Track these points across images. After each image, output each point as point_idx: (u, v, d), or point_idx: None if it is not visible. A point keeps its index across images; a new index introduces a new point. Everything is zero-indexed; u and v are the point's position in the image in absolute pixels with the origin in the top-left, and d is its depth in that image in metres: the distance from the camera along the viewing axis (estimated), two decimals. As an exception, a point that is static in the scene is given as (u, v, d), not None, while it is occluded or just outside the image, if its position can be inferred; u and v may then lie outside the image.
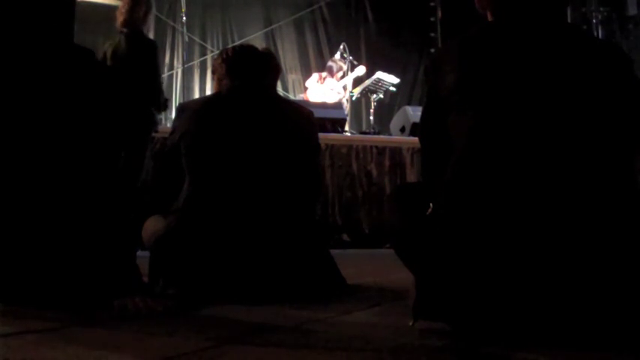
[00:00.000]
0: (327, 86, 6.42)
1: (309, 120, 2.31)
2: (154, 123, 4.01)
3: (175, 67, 7.31)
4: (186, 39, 5.92)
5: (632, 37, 6.92)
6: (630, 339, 1.25)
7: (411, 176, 5.09)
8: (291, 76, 7.89)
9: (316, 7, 8.12)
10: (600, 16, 7.11)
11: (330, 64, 6.59)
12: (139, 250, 2.20)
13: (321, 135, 3.17)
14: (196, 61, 7.46)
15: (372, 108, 6.20)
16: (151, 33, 4.06)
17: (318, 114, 3.09)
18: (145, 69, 3.85)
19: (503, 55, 1.44)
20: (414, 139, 4.98)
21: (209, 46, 7.60)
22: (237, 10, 7.81)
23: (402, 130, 5.40)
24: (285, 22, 7.96)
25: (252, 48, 2.35)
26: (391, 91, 6.54)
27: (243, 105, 2.17)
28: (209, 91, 6.89)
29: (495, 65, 1.43)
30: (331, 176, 4.95)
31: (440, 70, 1.52)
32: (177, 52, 7.25)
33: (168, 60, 7.34)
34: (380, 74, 6.14)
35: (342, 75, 6.44)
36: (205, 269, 1.97)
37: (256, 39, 7.49)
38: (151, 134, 4.06)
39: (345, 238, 4.87)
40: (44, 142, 1.70)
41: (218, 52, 3.59)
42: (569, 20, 5.41)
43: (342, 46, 6.47)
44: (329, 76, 6.48)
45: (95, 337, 1.37)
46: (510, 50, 1.44)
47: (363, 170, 5.06)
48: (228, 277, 1.95)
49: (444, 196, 1.44)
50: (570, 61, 1.42)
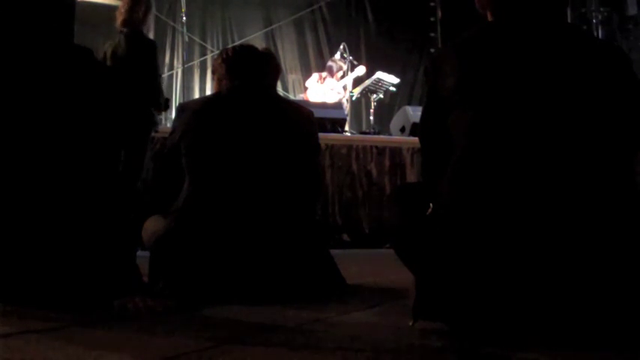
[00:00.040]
0: (327, 86, 6.42)
1: (309, 120, 2.31)
2: (153, 123, 4.01)
3: (175, 67, 7.31)
4: (186, 39, 5.92)
5: (632, 37, 6.92)
6: (630, 339, 1.25)
7: (411, 176, 5.09)
8: (291, 76, 7.89)
9: (316, 7, 8.12)
10: (600, 16, 7.10)
11: (330, 64, 6.59)
12: (139, 250, 2.20)
13: (321, 135, 3.16)
14: (196, 61, 7.46)
15: (372, 108, 6.20)
16: (151, 33, 4.05)
17: (318, 114, 3.09)
18: (145, 69, 3.84)
19: (503, 55, 1.44)
20: (414, 139, 4.98)
21: (209, 46, 7.59)
22: (237, 10, 7.81)
23: (402, 130, 5.40)
24: (285, 22, 7.96)
25: (252, 48, 2.35)
26: (391, 91, 6.54)
27: (243, 105, 2.17)
28: (209, 91, 6.89)
29: (495, 65, 1.43)
30: (331, 176, 4.94)
31: (440, 70, 1.52)
32: (177, 52, 7.25)
33: (168, 60, 7.34)
34: (380, 74, 6.14)
35: (342, 75, 6.44)
36: (205, 269, 1.97)
37: (256, 39, 7.48)
38: (151, 134, 4.06)
39: (345, 238, 4.86)
40: (44, 142, 1.70)
41: (218, 52, 3.58)
42: (569, 20, 5.41)
43: (342, 46, 6.46)
44: (329, 76, 6.48)
45: (95, 337, 1.37)
46: (510, 50, 1.44)
47: (363, 170, 5.05)
48: (228, 277, 1.95)
49: (444, 196, 1.44)
50: (570, 61, 1.42)
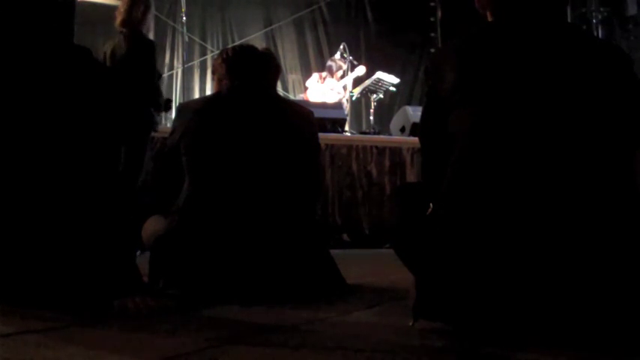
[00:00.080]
0: (327, 86, 6.42)
1: (309, 120, 2.31)
2: (153, 123, 4.00)
3: (175, 67, 7.31)
4: (186, 39, 5.92)
5: (632, 37, 6.92)
6: (630, 339, 1.25)
7: (411, 176, 5.09)
8: (291, 76, 7.89)
9: (316, 7, 8.12)
10: (600, 16, 7.11)
11: (330, 63, 6.59)
12: (139, 251, 2.20)
13: (321, 135, 3.16)
14: (196, 61, 7.46)
15: (372, 108, 6.20)
16: (151, 33, 4.04)
17: (318, 114, 3.09)
18: (143, 69, 3.84)
19: (503, 55, 1.44)
20: (414, 139, 4.97)
21: (209, 46, 7.59)
22: (237, 10, 7.81)
23: (402, 130, 5.40)
24: (285, 22, 7.96)
25: (252, 48, 2.35)
26: (391, 91, 6.54)
27: (243, 105, 2.17)
28: (209, 91, 6.89)
29: (495, 65, 1.43)
30: (331, 176, 4.94)
31: (440, 70, 1.52)
32: (177, 52, 7.25)
33: (168, 60, 7.34)
34: (380, 74, 6.14)
35: (341, 74, 6.44)
36: (205, 269, 1.97)
37: (256, 39, 7.48)
38: (151, 134, 4.06)
39: (345, 238, 4.87)
40: (43, 142, 1.70)
41: (218, 52, 3.58)
42: (569, 20, 5.41)
43: (342, 46, 6.46)
44: (329, 76, 6.48)
45: (95, 337, 1.37)
46: (510, 50, 1.44)
47: (363, 170, 5.05)
48: (228, 277, 1.95)
49: (444, 196, 1.44)
50: (570, 61, 1.42)
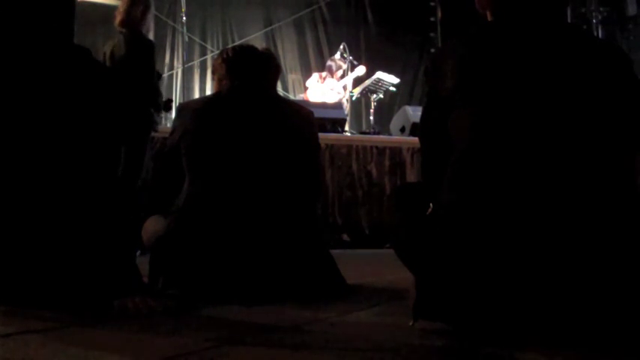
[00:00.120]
0: (327, 86, 6.42)
1: (309, 120, 2.31)
2: (153, 123, 4.00)
3: (175, 67, 7.32)
4: (186, 39, 5.92)
5: (632, 37, 6.92)
6: (630, 339, 1.25)
7: (411, 176, 5.09)
8: (291, 76, 7.90)
9: (316, 7, 8.13)
10: (600, 16, 7.11)
11: (330, 63, 6.59)
12: (139, 252, 2.20)
13: (321, 135, 3.16)
14: (196, 61, 7.46)
15: (372, 108, 6.20)
16: (151, 33, 4.04)
17: (318, 114, 3.09)
18: (142, 69, 3.84)
19: (503, 55, 1.44)
20: (414, 139, 4.98)
21: (209, 46, 7.60)
22: (237, 10, 7.82)
23: (402, 130, 5.40)
24: (285, 22, 7.97)
25: (252, 48, 2.35)
26: (391, 91, 6.54)
27: (243, 105, 2.17)
28: (209, 91, 6.89)
29: (495, 65, 1.43)
30: (331, 176, 4.95)
31: (440, 70, 1.52)
32: (177, 52, 7.26)
33: (168, 60, 7.35)
34: (380, 74, 6.14)
35: (341, 74, 6.44)
36: (205, 269, 1.97)
37: (256, 39, 7.49)
38: (151, 134, 4.06)
39: (345, 238, 4.87)
40: (42, 142, 1.70)
41: (218, 52, 3.58)
42: (569, 20, 5.41)
43: (342, 46, 6.47)
44: (329, 76, 6.49)
45: (95, 337, 1.37)
46: (510, 50, 1.44)
47: (363, 170, 5.06)
48: (228, 277, 1.95)
49: (444, 196, 1.44)
50: (570, 61, 1.42)
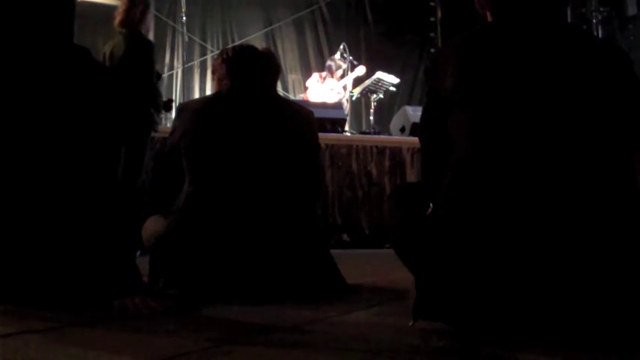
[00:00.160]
0: (327, 86, 6.42)
1: (309, 120, 2.31)
2: (153, 123, 4.00)
3: (175, 67, 7.32)
4: (186, 39, 5.92)
5: (632, 37, 6.92)
6: (630, 339, 1.25)
7: (411, 176, 5.09)
8: (291, 76, 7.90)
9: (316, 7, 8.13)
10: (600, 16, 7.11)
11: (330, 63, 6.60)
12: (139, 252, 2.20)
13: (321, 135, 3.16)
14: (196, 61, 7.46)
15: (372, 108, 6.20)
16: (151, 33, 4.04)
17: (318, 114, 3.09)
18: (142, 69, 3.84)
19: (503, 55, 1.44)
20: (414, 139, 4.98)
21: (209, 46, 7.60)
22: (237, 10, 7.82)
23: (402, 130, 5.40)
24: (285, 22, 7.97)
25: (252, 48, 2.35)
26: (391, 91, 6.54)
27: (243, 105, 2.17)
28: (209, 91, 6.90)
29: (495, 65, 1.43)
30: (331, 176, 4.95)
31: (440, 70, 1.52)
32: (177, 52, 7.26)
33: (168, 60, 7.35)
34: (380, 74, 6.14)
35: (341, 74, 6.45)
36: (205, 269, 1.97)
37: (256, 39, 7.49)
38: (151, 134, 4.06)
39: (345, 238, 4.87)
40: (42, 142, 1.70)
41: (218, 52, 3.58)
42: (569, 20, 5.41)
43: (342, 46, 6.47)
44: (329, 76, 6.49)
45: (95, 337, 1.37)
46: (510, 50, 1.44)
47: (363, 170, 5.06)
48: (228, 277, 1.95)
49: (444, 196, 1.44)
50: (570, 61, 1.42)
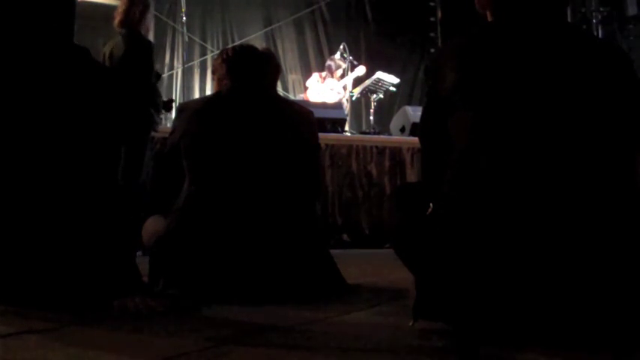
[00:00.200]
0: (327, 86, 6.42)
1: (309, 120, 2.31)
2: (153, 123, 4.00)
3: (175, 67, 7.31)
4: (186, 39, 5.92)
5: (632, 37, 6.92)
6: (630, 339, 1.25)
7: (411, 176, 5.09)
8: (291, 76, 7.89)
9: (316, 7, 8.12)
10: (600, 16, 7.10)
11: (329, 62, 6.60)
12: (140, 252, 2.20)
13: (321, 135, 3.16)
14: (196, 61, 7.45)
15: (372, 108, 6.20)
16: (151, 33, 4.04)
17: (318, 114, 3.08)
18: (141, 69, 3.84)
19: (503, 55, 1.44)
20: (414, 139, 4.97)
21: (209, 46, 7.59)
22: (237, 10, 7.81)
23: (402, 130, 5.40)
24: (285, 22, 7.96)
25: (252, 48, 2.35)
26: (391, 91, 6.54)
27: (243, 105, 2.17)
28: (209, 91, 6.89)
29: (496, 65, 1.43)
30: (331, 176, 4.94)
31: (440, 70, 1.52)
32: (177, 52, 7.25)
33: (168, 60, 7.34)
34: (380, 74, 6.14)
35: (341, 73, 6.44)
36: (205, 269, 1.97)
37: (256, 39, 7.48)
38: (151, 134, 4.06)
39: (345, 238, 4.86)
40: (42, 142, 1.70)
41: (218, 52, 3.58)
42: (569, 20, 5.40)
43: (342, 46, 6.47)
44: (329, 76, 6.49)
45: (95, 337, 1.37)
46: (510, 50, 1.44)
47: (363, 170, 5.05)
48: (228, 277, 1.95)
49: (443, 196, 1.44)
50: (570, 61, 1.42)
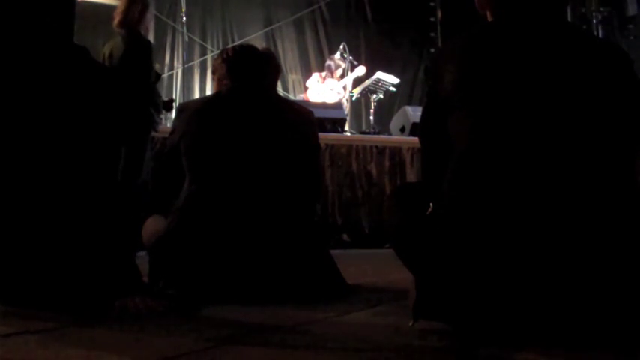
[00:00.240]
0: (327, 86, 6.42)
1: (309, 120, 2.31)
2: (153, 123, 4.00)
3: (175, 67, 7.31)
4: (186, 39, 5.92)
5: (632, 37, 6.92)
6: (630, 339, 1.25)
7: (411, 176, 5.09)
8: (291, 76, 7.89)
9: (316, 7, 8.12)
10: (600, 16, 7.10)
11: (329, 62, 6.60)
12: (143, 252, 2.20)
13: (321, 135, 3.16)
14: (196, 61, 7.45)
15: (372, 108, 6.20)
16: (151, 33, 4.04)
17: (318, 114, 3.08)
18: (140, 69, 3.84)
19: (503, 55, 1.44)
20: (414, 139, 4.98)
21: (209, 46, 7.59)
22: (237, 10, 7.81)
23: (402, 130, 5.40)
24: (285, 22, 7.96)
25: (252, 48, 2.35)
26: (391, 91, 6.54)
27: (243, 105, 2.17)
28: (209, 91, 6.89)
29: (496, 65, 1.43)
30: (331, 176, 4.94)
31: (440, 70, 1.52)
32: (177, 52, 7.24)
33: (168, 60, 7.34)
34: (380, 74, 6.14)
35: (341, 73, 6.44)
36: (205, 269, 1.97)
37: (256, 39, 7.48)
38: (151, 134, 4.06)
39: (345, 238, 4.86)
40: (42, 142, 1.70)
41: (218, 52, 3.58)
42: (569, 20, 5.40)
43: (342, 46, 6.47)
44: (329, 75, 6.49)
45: (95, 337, 1.37)
46: (510, 50, 1.44)
47: (363, 170, 5.05)
48: (228, 277, 1.95)
49: (444, 196, 1.44)
50: (570, 61, 1.42)
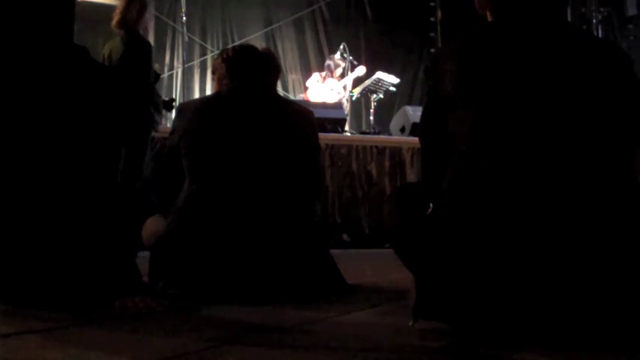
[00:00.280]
0: (327, 86, 6.42)
1: (309, 120, 2.31)
2: (153, 123, 4.00)
3: (175, 67, 7.31)
4: (186, 39, 5.92)
5: (632, 37, 6.92)
6: (630, 339, 1.25)
7: (411, 176, 5.09)
8: (291, 76, 7.89)
9: (316, 7, 8.12)
10: (600, 16, 7.10)
11: (328, 62, 6.60)
12: (147, 252, 2.20)
13: (321, 135, 3.16)
14: (196, 61, 7.45)
15: (372, 108, 6.20)
16: (151, 33, 4.05)
17: (318, 114, 3.09)
18: (139, 69, 3.84)
19: (503, 55, 1.44)
20: (414, 139, 4.98)
21: (209, 46, 7.59)
22: (237, 10, 7.81)
23: (402, 130, 5.40)
24: (285, 22, 7.96)
25: (252, 48, 2.35)
26: (391, 91, 6.54)
27: (243, 105, 2.17)
28: (209, 91, 6.89)
29: (496, 65, 1.43)
30: (331, 176, 4.94)
31: (440, 70, 1.52)
32: (177, 52, 7.24)
33: (168, 60, 7.34)
34: (380, 74, 6.14)
35: (341, 72, 6.45)
36: (205, 269, 1.97)
37: (256, 39, 7.48)
38: (151, 134, 4.06)
39: (345, 238, 4.86)
40: (42, 142, 1.70)
41: (218, 52, 3.58)
42: (569, 20, 5.40)
43: (342, 46, 6.47)
44: (329, 75, 6.49)
45: (95, 337, 1.37)
46: (510, 49, 1.44)
47: (363, 170, 5.05)
48: (228, 277, 1.95)
49: (444, 196, 1.44)
50: (570, 61, 1.42)
